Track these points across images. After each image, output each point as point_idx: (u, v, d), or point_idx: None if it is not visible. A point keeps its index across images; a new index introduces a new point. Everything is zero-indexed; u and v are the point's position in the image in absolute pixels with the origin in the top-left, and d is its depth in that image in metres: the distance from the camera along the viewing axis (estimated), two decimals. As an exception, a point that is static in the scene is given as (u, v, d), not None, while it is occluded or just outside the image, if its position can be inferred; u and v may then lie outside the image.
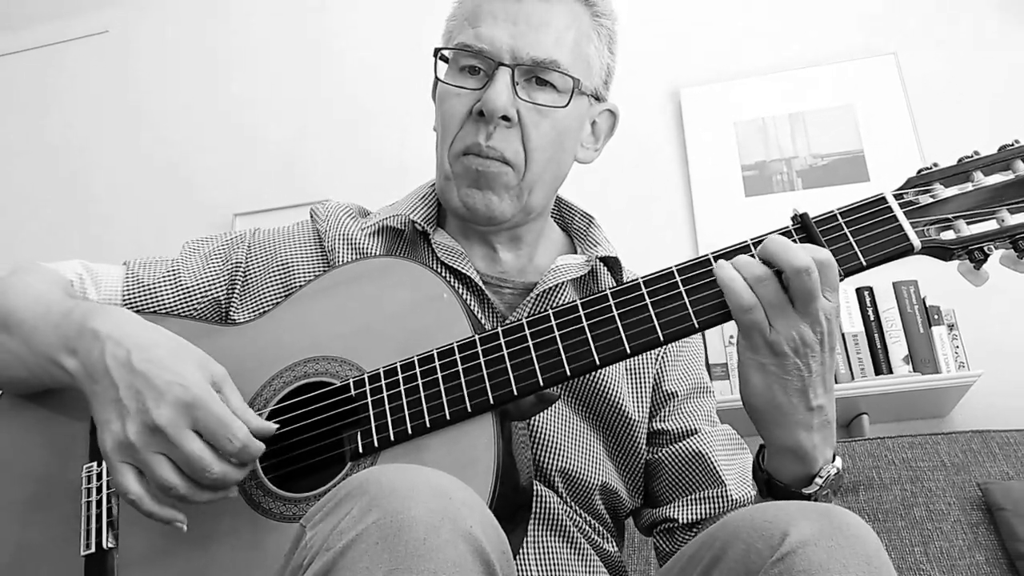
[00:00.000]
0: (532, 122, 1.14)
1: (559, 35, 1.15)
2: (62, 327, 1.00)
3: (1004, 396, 2.48)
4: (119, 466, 0.90)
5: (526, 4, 1.15)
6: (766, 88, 3.06)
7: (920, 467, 2.01)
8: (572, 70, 1.15)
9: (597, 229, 1.32)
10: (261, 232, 1.29)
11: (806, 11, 3.13)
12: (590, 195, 1.68)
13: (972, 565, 1.83)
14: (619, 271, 1.28)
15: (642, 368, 1.24)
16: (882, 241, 0.93)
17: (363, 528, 0.70)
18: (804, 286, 0.87)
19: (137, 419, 0.89)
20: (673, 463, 1.21)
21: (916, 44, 2.97)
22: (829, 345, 0.91)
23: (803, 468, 0.94)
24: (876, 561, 0.75)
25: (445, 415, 0.94)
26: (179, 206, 3.46)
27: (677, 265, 0.96)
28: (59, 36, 3.93)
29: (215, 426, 0.90)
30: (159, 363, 0.91)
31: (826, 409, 0.93)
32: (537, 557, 1.08)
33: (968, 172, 0.95)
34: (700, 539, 0.89)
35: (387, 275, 1.07)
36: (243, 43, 3.69)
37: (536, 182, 1.18)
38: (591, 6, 1.21)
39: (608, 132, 1.31)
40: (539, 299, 1.19)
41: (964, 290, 2.40)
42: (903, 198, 0.95)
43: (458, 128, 1.17)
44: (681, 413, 1.24)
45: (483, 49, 1.14)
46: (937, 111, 2.85)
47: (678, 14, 3.25)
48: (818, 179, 2.89)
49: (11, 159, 3.79)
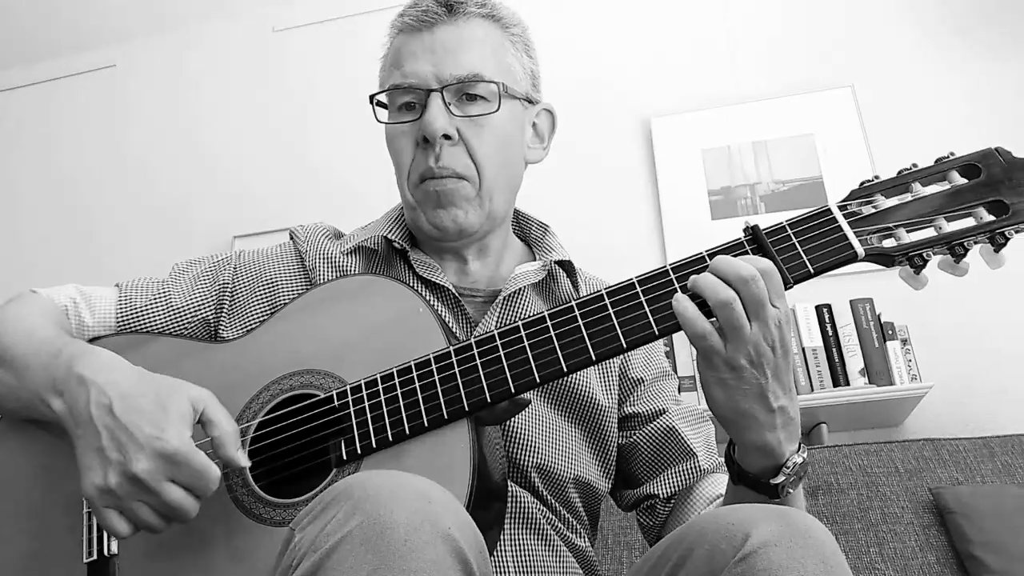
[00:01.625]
0: (472, 134, 1.17)
1: (476, 51, 1.18)
2: (50, 368, 1.00)
3: (954, 406, 2.50)
4: (103, 511, 0.91)
5: (439, 33, 1.18)
6: (731, 118, 3.08)
7: (875, 473, 2.02)
8: (495, 78, 1.18)
9: (552, 236, 1.34)
10: (246, 254, 1.30)
11: (768, 46, 3.17)
12: (567, 217, 1.70)
13: (924, 565, 1.84)
14: (574, 273, 1.29)
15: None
16: (828, 249, 0.93)
17: (348, 530, 0.70)
18: (752, 294, 0.88)
19: (118, 469, 0.89)
20: (647, 443, 1.23)
21: (871, 78, 3.00)
22: (782, 350, 0.91)
23: (770, 461, 0.94)
24: (832, 561, 0.76)
25: (423, 422, 0.94)
26: (180, 230, 3.48)
27: (638, 276, 0.96)
28: (67, 70, 3.93)
29: (193, 479, 0.90)
30: (141, 414, 0.91)
31: (787, 408, 0.93)
32: (514, 554, 1.09)
33: (907, 183, 0.96)
34: (668, 540, 0.89)
35: (366, 292, 1.08)
36: (243, 79, 3.71)
37: (493, 188, 1.20)
38: (498, 20, 1.23)
39: (550, 130, 1.33)
40: (503, 304, 1.20)
41: (917, 307, 2.47)
42: (847, 209, 0.95)
43: (410, 160, 1.19)
44: (649, 396, 1.26)
45: (411, 83, 1.17)
46: (890, 139, 2.88)
47: (650, 50, 3.28)
48: (780, 203, 2.90)
49: (26, 186, 3.79)
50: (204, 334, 1.22)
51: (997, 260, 0.92)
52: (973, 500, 1.86)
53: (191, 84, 3.76)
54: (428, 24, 1.19)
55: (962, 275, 0.94)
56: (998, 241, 0.91)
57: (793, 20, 3.17)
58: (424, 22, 1.19)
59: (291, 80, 3.64)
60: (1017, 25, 2.95)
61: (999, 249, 0.91)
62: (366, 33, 3.55)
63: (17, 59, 3.97)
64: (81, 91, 3.88)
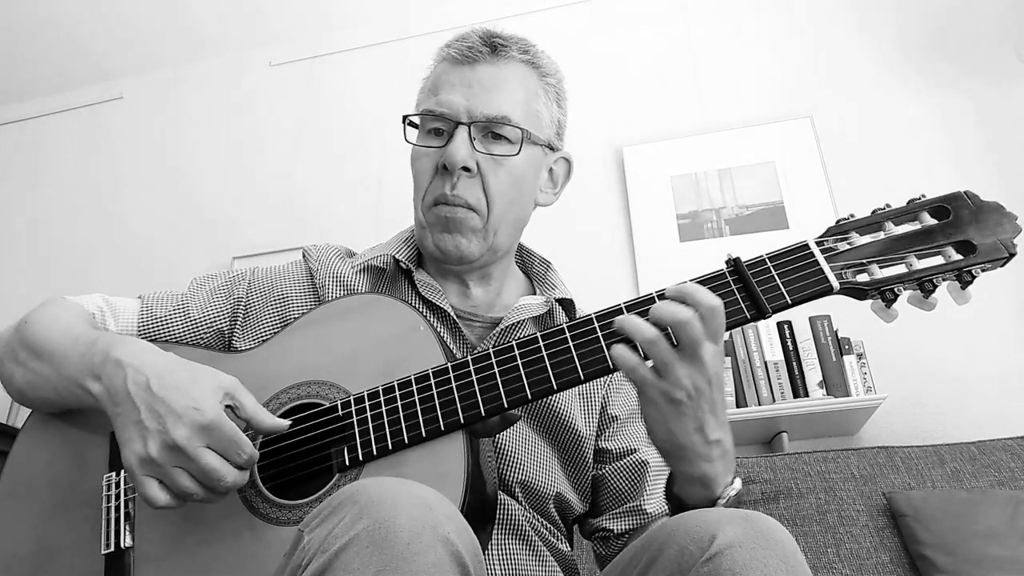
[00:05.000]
0: (490, 171, 1.18)
1: (509, 95, 1.19)
2: (88, 356, 1.01)
3: (906, 416, 2.52)
4: (143, 479, 0.91)
5: (479, 71, 1.19)
6: (698, 147, 3.10)
7: (833, 479, 2.03)
8: (522, 123, 1.19)
9: (554, 273, 1.35)
10: (259, 270, 1.30)
11: (732, 80, 3.20)
12: (545, 239, 1.71)
13: (878, 564, 1.85)
14: (573, 311, 1.29)
15: (592, 392, 1.26)
16: (806, 282, 0.93)
17: (355, 533, 0.71)
18: (688, 335, 0.88)
19: (158, 438, 0.90)
20: (614, 479, 1.24)
21: (829, 109, 3.03)
22: (717, 386, 0.91)
23: (707, 492, 0.94)
24: (792, 561, 0.77)
25: (421, 432, 0.95)
26: (186, 249, 3.48)
27: (626, 303, 0.97)
28: (78, 102, 3.92)
29: (227, 444, 0.91)
30: (176, 388, 0.92)
31: (723, 441, 0.93)
32: (500, 557, 1.10)
33: (880, 222, 0.96)
34: (640, 541, 0.91)
35: (371, 310, 1.09)
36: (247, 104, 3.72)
37: (500, 224, 1.21)
38: (537, 68, 1.24)
39: (565, 177, 1.33)
40: (503, 333, 1.21)
41: (871, 324, 2.47)
42: (824, 245, 0.96)
43: (428, 182, 1.20)
44: (622, 435, 1.26)
45: (443, 112, 1.18)
46: (847, 167, 2.90)
47: (621, 83, 3.30)
48: (743, 226, 2.92)
49: (18, 218, 3.78)
50: (219, 344, 1.23)
51: (964, 296, 0.93)
52: (924, 504, 1.87)
53: (187, 117, 3.77)
54: (471, 60, 1.20)
55: (930, 310, 0.95)
56: (965, 279, 0.92)
57: (755, 55, 3.21)
58: (468, 57, 1.20)
59: (282, 112, 3.66)
60: (970, 56, 2.98)
61: (966, 286, 0.92)
62: (356, 67, 3.60)
63: (9, 96, 3.96)
64: (93, 120, 3.89)
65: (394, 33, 3.57)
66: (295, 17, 3.64)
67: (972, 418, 2.47)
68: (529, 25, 3.47)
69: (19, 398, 1.13)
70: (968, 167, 2.79)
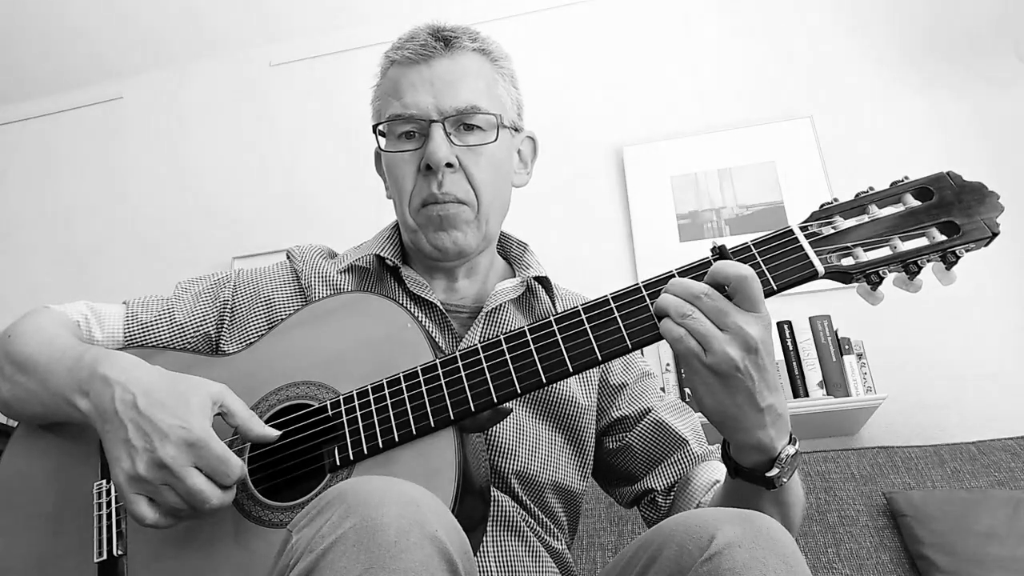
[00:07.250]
0: (471, 162, 1.18)
1: (471, 84, 1.19)
2: (74, 371, 1.00)
3: (906, 416, 2.52)
4: (133, 497, 0.90)
5: (436, 67, 1.19)
6: (698, 147, 3.09)
7: (833, 479, 2.03)
8: (491, 109, 1.20)
9: (530, 254, 1.35)
10: (244, 272, 1.30)
11: (732, 81, 3.19)
12: (545, 239, 1.71)
13: (878, 564, 1.85)
14: (551, 288, 1.30)
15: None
16: (790, 268, 0.92)
17: (342, 532, 0.70)
18: (709, 307, 0.87)
19: (145, 456, 0.89)
20: (640, 441, 1.23)
21: (828, 109, 3.03)
22: (766, 351, 0.88)
23: (764, 456, 0.92)
24: (792, 560, 0.76)
25: (411, 430, 0.94)
26: (187, 248, 3.48)
27: (612, 293, 0.95)
28: (79, 102, 3.92)
29: (215, 464, 0.90)
30: (163, 406, 0.92)
31: (775, 406, 0.90)
32: (495, 555, 1.09)
33: (864, 205, 0.95)
34: (639, 541, 0.89)
35: (358, 308, 1.08)
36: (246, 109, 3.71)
37: (489, 212, 1.21)
38: (488, 54, 1.25)
39: (532, 156, 1.34)
40: (486, 319, 1.21)
41: (872, 324, 2.48)
42: (808, 229, 0.95)
43: (412, 186, 1.20)
44: (634, 398, 1.27)
45: (413, 114, 1.18)
46: (846, 166, 2.90)
47: (622, 83, 3.30)
48: (743, 226, 2.92)
49: (26, 217, 3.77)
50: (206, 348, 1.22)
51: (948, 277, 0.92)
52: (924, 504, 1.87)
53: (190, 116, 3.76)
54: (426, 58, 1.20)
55: (916, 291, 0.94)
56: (949, 259, 0.91)
57: (755, 55, 3.21)
58: (423, 55, 1.20)
59: (285, 111, 3.65)
60: (966, 58, 2.99)
61: (950, 267, 0.92)
62: (356, 68, 3.59)
63: (16, 94, 3.96)
64: (94, 120, 3.89)
65: (396, 32, 3.55)
66: (297, 16, 3.62)
67: (972, 418, 2.47)
68: (529, 25, 3.47)
69: (6, 411, 1.11)
70: (967, 166, 2.73)
